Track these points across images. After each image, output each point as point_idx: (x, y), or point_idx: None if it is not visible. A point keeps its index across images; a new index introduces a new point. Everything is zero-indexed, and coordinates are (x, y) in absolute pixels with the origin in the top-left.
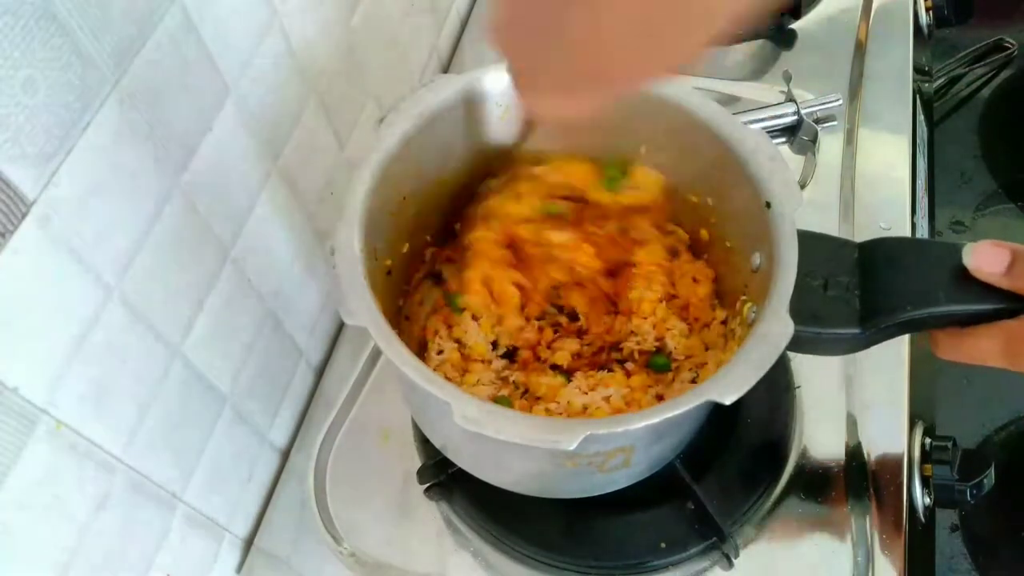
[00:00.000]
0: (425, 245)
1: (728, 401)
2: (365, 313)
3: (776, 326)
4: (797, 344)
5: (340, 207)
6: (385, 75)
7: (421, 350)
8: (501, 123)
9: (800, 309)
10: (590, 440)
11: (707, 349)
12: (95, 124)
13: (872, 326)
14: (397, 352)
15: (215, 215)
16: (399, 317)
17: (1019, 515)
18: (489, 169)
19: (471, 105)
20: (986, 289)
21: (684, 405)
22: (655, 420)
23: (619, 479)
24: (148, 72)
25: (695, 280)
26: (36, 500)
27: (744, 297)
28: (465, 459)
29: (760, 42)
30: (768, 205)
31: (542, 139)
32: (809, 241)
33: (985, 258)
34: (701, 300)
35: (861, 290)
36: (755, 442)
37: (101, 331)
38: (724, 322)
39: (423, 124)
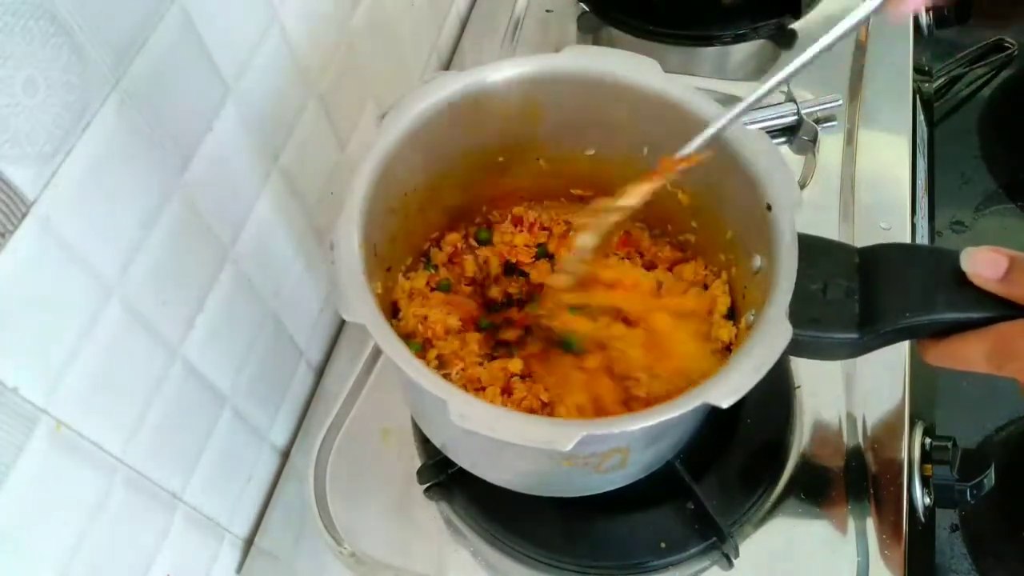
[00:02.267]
0: (426, 242)
1: (725, 404)
2: (363, 310)
3: (775, 329)
4: (795, 348)
5: (340, 206)
6: (385, 75)
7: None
8: (499, 123)
9: (799, 313)
10: (586, 441)
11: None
12: (95, 124)
13: (871, 331)
14: (395, 349)
15: (215, 215)
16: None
17: (1019, 515)
18: (490, 166)
19: (472, 102)
20: (982, 296)
21: (680, 408)
22: (651, 422)
23: (616, 479)
24: (148, 72)
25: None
26: (36, 500)
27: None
28: (463, 457)
29: (760, 42)
30: (769, 207)
31: (542, 145)
32: (810, 245)
33: (982, 264)
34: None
35: (861, 295)
36: (755, 442)
37: (101, 331)
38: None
39: (424, 121)
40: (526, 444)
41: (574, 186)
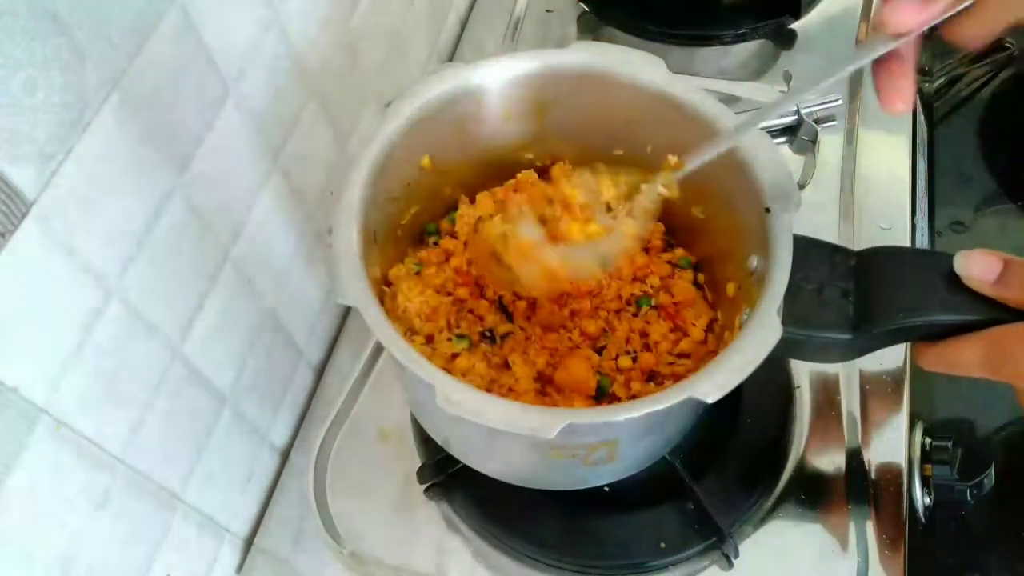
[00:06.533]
0: (426, 232)
1: (711, 400)
2: (358, 294)
3: (765, 327)
4: (790, 348)
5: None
6: (385, 75)
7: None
8: (504, 117)
9: (793, 312)
10: (570, 431)
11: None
12: (95, 124)
13: (864, 332)
14: (386, 333)
15: (215, 215)
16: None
17: (1019, 515)
18: (490, 162)
19: (476, 95)
20: (976, 298)
21: (666, 401)
22: (636, 414)
23: (604, 474)
24: (148, 72)
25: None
26: (36, 500)
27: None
28: (455, 445)
29: (760, 42)
30: (767, 209)
31: (546, 140)
32: (807, 246)
33: (976, 266)
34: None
35: (856, 297)
36: (755, 442)
37: (101, 331)
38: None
39: (428, 112)
40: (510, 431)
41: None
